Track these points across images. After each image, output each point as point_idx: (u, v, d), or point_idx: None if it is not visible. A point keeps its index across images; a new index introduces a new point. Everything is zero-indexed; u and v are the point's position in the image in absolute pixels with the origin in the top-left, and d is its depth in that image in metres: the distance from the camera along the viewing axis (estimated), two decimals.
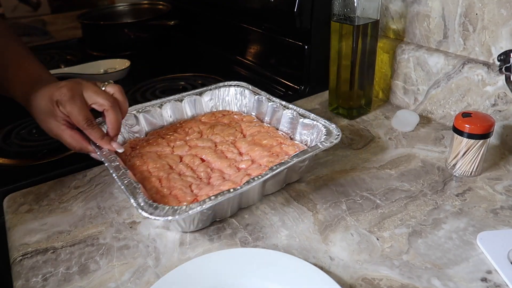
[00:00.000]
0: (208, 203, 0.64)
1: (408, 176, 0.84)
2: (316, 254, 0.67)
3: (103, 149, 0.80)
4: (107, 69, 1.48)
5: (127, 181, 0.70)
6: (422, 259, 0.65)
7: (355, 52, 0.99)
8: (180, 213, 0.62)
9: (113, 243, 0.73)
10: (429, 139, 0.96)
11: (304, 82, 1.22)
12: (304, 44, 1.18)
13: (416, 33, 1.06)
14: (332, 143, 0.77)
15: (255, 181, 0.68)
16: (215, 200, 0.64)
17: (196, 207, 0.63)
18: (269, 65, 1.37)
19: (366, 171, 0.86)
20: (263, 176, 0.69)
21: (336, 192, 0.81)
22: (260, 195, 0.78)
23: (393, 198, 0.78)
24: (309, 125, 0.86)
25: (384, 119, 1.07)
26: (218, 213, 0.73)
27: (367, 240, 0.69)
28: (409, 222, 0.73)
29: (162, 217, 0.62)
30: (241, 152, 0.86)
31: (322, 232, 0.72)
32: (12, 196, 0.86)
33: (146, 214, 0.62)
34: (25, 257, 0.71)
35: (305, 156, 0.74)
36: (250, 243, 0.70)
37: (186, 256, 0.69)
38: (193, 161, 0.84)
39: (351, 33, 0.98)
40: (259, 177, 0.69)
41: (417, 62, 1.04)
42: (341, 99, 1.08)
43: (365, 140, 0.98)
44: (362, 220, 0.74)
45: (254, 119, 0.97)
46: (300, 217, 0.75)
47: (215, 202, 0.64)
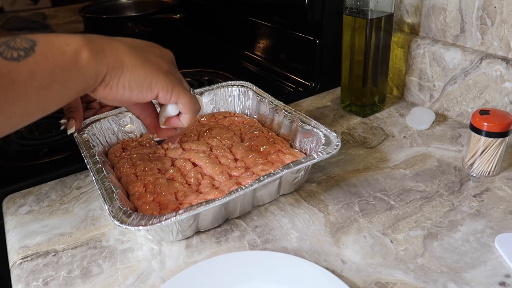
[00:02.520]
0: (183, 214, 0.63)
1: (423, 176, 0.85)
2: (327, 257, 0.68)
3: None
4: None
5: (106, 185, 0.70)
6: (438, 262, 0.66)
7: (369, 47, 0.99)
8: (153, 223, 0.62)
9: (117, 245, 0.73)
10: (445, 138, 0.97)
11: (315, 78, 1.22)
12: (315, 39, 1.18)
13: (432, 27, 1.06)
14: (329, 154, 0.75)
15: (238, 192, 0.67)
16: (191, 212, 0.63)
17: (171, 217, 0.62)
18: (278, 60, 1.37)
19: (380, 171, 0.87)
20: (247, 187, 0.68)
21: (349, 193, 0.81)
22: (250, 205, 0.77)
23: (407, 199, 0.79)
24: (309, 132, 0.84)
25: (398, 117, 1.07)
26: (202, 223, 0.72)
27: (380, 243, 0.70)
28: (425, 224, 0.73)
29: (133, 227, 0.61)
30: (236, 158, 0.85)
31: (334, 234, 0.72)
32: (12, 196, 0.86)
33: (117, 222, 0.62)
34: (25, 260, 0.71)
35: (297, 167, 0.73)
36: (259, 246, 0.71)
37: (192, 259, 0.69)
38: (184, 166, 0.83)
39: (364, 27, 0.98)
40: (243, 187, 0.68)
41: (433, 58, 1.04)
42: (354, 96, 1.08)
43: (379, 139, 0.98)
44: (375, 222, 0.74)
45: (255, 123, 0.96)
46: (311, 219, 0.76)
47: (189, 214, 0.63)
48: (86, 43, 0.57)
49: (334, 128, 1.03)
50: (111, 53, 0.60)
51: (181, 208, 0.67)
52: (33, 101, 0.52)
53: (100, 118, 0.90)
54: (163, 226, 0.63)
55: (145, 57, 0.63)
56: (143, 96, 0.63)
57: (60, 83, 0.54)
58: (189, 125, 0.71)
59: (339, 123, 1.06)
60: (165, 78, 0.64)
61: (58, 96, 0.55)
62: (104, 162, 0.79)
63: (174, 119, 0.70)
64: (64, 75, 0.54)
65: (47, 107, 0.55)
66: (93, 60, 0.56)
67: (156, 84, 0.63)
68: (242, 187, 0.68)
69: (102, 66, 0.58)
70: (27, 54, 0.51)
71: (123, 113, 0.93)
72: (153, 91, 0.63)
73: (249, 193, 0.71)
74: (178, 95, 0.66)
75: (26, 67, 0.50)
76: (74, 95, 0.58)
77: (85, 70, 0.56)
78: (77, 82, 0.56)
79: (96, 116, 0.91)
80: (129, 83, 0.61)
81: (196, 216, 0.69)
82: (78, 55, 0.55)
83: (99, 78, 0.58)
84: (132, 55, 0.62)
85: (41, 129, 1.11)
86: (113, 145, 0.91)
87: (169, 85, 0.64)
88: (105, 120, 0.91)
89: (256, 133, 0.91)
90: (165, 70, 0.65)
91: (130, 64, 0.61)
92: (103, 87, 0.60)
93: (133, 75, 0.61)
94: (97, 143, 0.87)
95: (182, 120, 0.70)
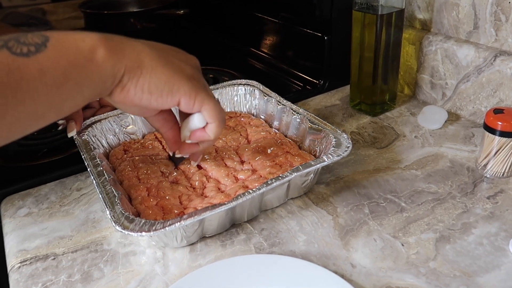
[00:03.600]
0: (188, 219, 0.63)
1: (435, 177, 0.85)
2: (336, 261, 0.68)
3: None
4: None
5: (107, 189, 0.70)
6: (450, 266, 0.66)
7: (379, 44, 1.00)
8: (156, 229, 0.61)
9: (118, 249, 0.73)
10: (458, 138, 0.97)
11: (323, 76, 1.23)
12: (323, 35, 1.18)
13: (444, 23, 1.06)
14: (340, 157, 0.75)
15: (245, 196, 0.67)
16: (196, 217, 0.63)
17: (175, 223, 0.62)
18: (286, 57, 1.37)
19: (390, 172, 0.87)
20: (255, 191, 0.68)
21: (358, 195, 0.81)
22: (258, 209, 0.77)
23: (419, 201, 0.79)
24: (319, 133, 0.84)
25: (409, 116, 1.07)
26: (207, 229, 0.72)
27: (391, 246, 0.70)
28: (437, 226, 0.73)
29: (135, 233, 0.61)
30: (243, 160, 0.85)
31: (343, 237, 0.72)
32: (10, 198, 0.86)
33: (119, 227, 0.61)
34: (24, 264, 0.71)
35: (306, 170, 0.73)
36: (266, 249, 0.71)
37: (196, 263, 0.70)
38: (189, 168, 0.82)
39: (374, 23, 0.98)
40: (250, 191, 0.68)
41: (445, 55, 1.04)
42: (364, 95, 1.08)
43: (389, 139, 0.98)
44: (386, 225, 0.74)
45: (262, 123, 0.96)
46: (319, 221, 0.76)
47: (195, 219, 0.63)
48: (103, 40, 0.55)
49: (343, 127, 1.03)
50: (130, 52, 0.58)
51: (185, 213, 0.67)
52: (44, 100, 0.51)
53: (100, 119, 0.90)
54: (167, 232, 0.64)
55: (167, 60, 0.61)
56: (163, 102, 0.61)
57: (74, 82, 0.52)
58: (215, 137, 0.68)
59: (348, 122, 1.06)
60: (188, 82, 0.62)
61: (72, 96, 0.54)
62: (105, 164, 0.79)
63: (200, 132, 0.68)
64: (78, 73, 0.52)
65: (60, 108, 0.54)
66: (110, 58, 0.55)
67: (178, 89, 0.61)
68: (249, 191, 0.67)
69: (120, 65, 0.56)
70: (38, 50, 0.49)
71: (124, 113, 0.93)
72: (174, 96, 0.61)
73: (257, 197, 0.71)
74: (202, 101, 0.63)
75: (36, 63, 0.49)
76: (90, 96, 0.56)
77: (101, 69, 0.54)
78: (93, 82, 0.54)
79: (97, 117, 0.91)
80: (149, 85, 0.59)
81: (201, 222, 0.69)
82: (94, 52, 0.54)
83: (117, 79, 0.57)
84: (154, 56, 0.60)
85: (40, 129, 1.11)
86: (114, 147, 0.91)
87: (192, 90, 0.62)
88: (106, 120, 0.90)
89: (263, 134, 0.90)
90: (188, 74, 0.63)
91: (150, 65, 0.59)
92: (120, 90, 0.58)
93: (153, 77, 0.59)
94: (98, 145, 0.87)
95: (208, 131, 0.67)
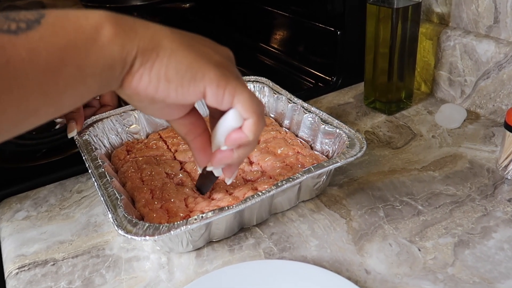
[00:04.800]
0: (194, 223, 0.62)
1: (454, 178, 0.85)
2: (350, 267, 0.68)
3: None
4: None
5: (109, 191, 0.70)
6: (469, 272, 0.66)
7: (394, 39, 0.99)
8: (161, 233, 0.61)
9: (121, 254, 0.74)
10: (478, 137, 0.96)
11: (336, 72, 1.23)
12: (336, 30, 1.18)
13: (463, 17, 1.06)
14: (353, 157, 0.75)
15: (254, 198, 0.66)
16: (203, 220, 0.63)
17: (181, 226, 0.62)
18: (297, 53, 1.37)
19: (407, 173, 0.87)
20: (264, 193, 0.67)
21: (373, 197, 0.81)
22: (267, 213, 0.77)
23: (436, 204, 0.79)
24: (331, 133, 0.84)
25: (426, 115, 1.07)
26: (214, 233, 0.72)
27: (407, 251, 0.70)
28: (455, 230, 0.73)
29: (139, 237, 0.60)
30: (252, 161, 0.85)
31: (356, 242, 0.72)
32: (7, 201, 0.87)
33: (122, 231, 0.61)
34: (22, 270, 0.72)
35: (318, 171, 0.72)
36: (276, 254, 0.71)
37: (203, 269, 0.70)
38: (195, 169, 0.82)
39: (389, 17, 0.98)
40: (260, 194, 0.67)
41: (464, 50, 1.04)
42: (378, 92, 1.08)
43: (405, 138, 0.98)
44: (401, 229, 0.74)
45: (272, 122, 0.96)
46: (332, 225, 0.76)
47: (201, 222, 0.63)
48: (111, 18, 0.48)
49: (357, 126, 1.03)
50: (144, 31, 0.50)
51: (191, 216, 0.67)
52: (36, 90, 0.43)
53: (102, 118, 0.90)
54: (172, 236, 0.64)
55: (190, 44, 0.53)
56: (185, 92, 0.52)
57: (74, 68, 0.45)
58: (255, 137, 0.58)
59: (362, 121, 1.06)
60: (216, 69, 0.53)
61: (73, 86, 0.46)
62: (107, 166, 0.79)
63: (236, 133, 0.57)
64: (78, 56, 0.45)
65: (57, 101, 0.46)
66: (118, 37, 0.47)
67: (203, 75, 0.52)
68: (258, 193, 0.67)
69: (130, 46, 0.48)
70: (29, 27, 0.42)
71: (127, 111, 0.93)
72: (198, 85, 0.52)
73: (267, 200, 0.71)
74: (234, 91, 0.54)
75: (26, 42, 0.42)
76: (95, 87, 0.49)
77: (107, 51, 0.47)
78: (97, 67, 0.47)
79: (98, 116, 0.91)
80: (166, 71, 0.50)
81: (208, 225, 0.69)
82: (98, 30, 0.46)
83: (127, 64, 0.49)
84: (174, 38, 0.52)
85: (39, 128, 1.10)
86: (116, 147, 0.91)
87: (221, 78, 0.53)
88: (107, 120, 0.91)
89: (273, 133, 0.90)
90: (216, 61, 0.54)
91: (169, 47, 0.51)
92: (131, 78, 0.50)
93: (172, 61, 0.51)
94: (100, 145, 0.87)
95: (245, 130, 0.57)
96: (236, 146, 0.59)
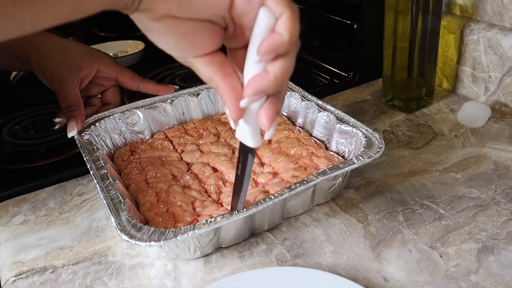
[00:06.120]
0: (203, 228, 0.62)
1: (477, 180, 0.84)
2: (367, 274, 0.68)
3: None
4: (117, 52, 1.50)
5: (112, 194, 0.69)
6: (494, 280, 0.65)
7: (414, 32, 0.99)
8: (167, 238, 0.61)
9: (125, 260, 0.74)
10: (503, 137, 0.96)
11: (353, 68, 1.23)
12: (353, 23, 1.18)
13: (488, 10, 1.05)
14: (371, 158, 0.74)
15: (266, 202, 0.66)
16: (212, 225, 0.62)
17: (188, 231, 0.61)
18: (311, 48, 1.37)
19: (427, 175, 0.87)
20: (276, 197, 0.67)
21: (391, 200, 0.81)
22: (280, 217, 0.77)
23: (459, 207, 0.78)
24: (348, 133, 0.83)
25: (448, 113, 1.07)
26: (223, 238, 0.72)
27: (428, 258, 0.70)
28: (479, 236, 0.73)
29: (144, 242, 0.60)
30: (263, 162, 0.84)
31: (374, 248, 0.72)
32: (4, 204, 0.87)
33: (125, 236, 0.61)
34: (19, 277, 0.72)
35: (334, 173, 0.72)
36: (289, 261, 0.71)
37: (211, 276, 0.70)
38: (203, 171, 0.82)
39: (409, 9, 0.98)
40: (272, 197, 0.67)
41: (488, 44, 1.04)
42: (398, 89, 1.08)
43: (426, 138, 0.98)
44: (422, 234, 0.74)
45: (284, 121, 0.95)
46: (348, 230, 0.76)
47: (210, 227, 0.62)
48: None
49: (375, 125, 1.03)
50: None
51: (199, 221, 0.67)
52: None
53: (104, 117, 0.90)
54: (179, 242, 0.63)
55: None
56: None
57: None
58: (291, 36, 0.49)
59: (380, 119, 1.06)
60: None
61: None
62: (110, 167, 0.79)
63: (270, 38, 0.49)
64: None
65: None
66: None
67: None
68: (270, 197, 0.67)
69: None
70: None
71: (131, 110, 0.93)
72: None
73: (279, 203, 0.71)
74: None
75: None
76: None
77: None
78: None
79: (100, 114, 0.91)
80: None
81: (217, 230, 0.68)
82: None
83: None
84: None
85: (37, 127, 1.11)
86: (119, 148, 0.91)
87: None
88: (110, 118, 0.91)
89: (285, 133, 0.90)
90: None
91: None
92: None
93: None
94: (102, 145, 0.87)
95: (279, 29, 0.49)
96: (271, 52, 0.50)
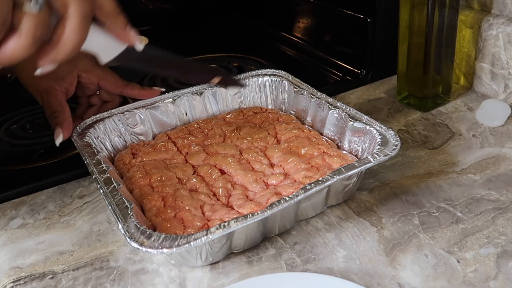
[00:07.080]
0: (216, 233, 0.61)
1: (496, 182, 0.84)
2: (381, 280, 0.68)
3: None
4: None
5: (117, 199, 0.69)
6: None
7: (431, 27, 0.99)
8: (180, 245, 0.60)
9: (127, 266, 0.73)
10: None
11: (366, 64, 1.23)
12: (366, 17, 1.18)
13: (507, 3, 1.05)
14: (387, 156, 0.74)
15: (280, 204, 0.65)
16: (226, 229, 0.62)
17: (201, 237, 0.60)
18: (322, 43, 1.37)
19: (444, 176, 0.86)
20: (291, 198, 0.66)
21: (407, 203, 0.81)
22: (292, 221, 0.76)
23: (477, 210, 0.78)
24: (361, 131, 0.83)
25: (466, 111, 1.06)
26: (235, 243, 0.71)
27: (445, 263, 0.69)
28: (498, 240, 0.72)
29: (155, 249, 0.59)
30: (273, 163, 0.84)
31: (389, 253, 0.72)
32: (1, 207, 0.87)
33: (135, 244, 0.60)
34: (17, 283, 0.72)
35: (350, 172, 0.71)
36: (299, 266, 0.71)
37: (218, 282, 0.69)
38: (210, 173, 0.82)
39: (425, 2, 0.97)
40: (286, 199, 0.66)
41: (508, 40, 1.03)
42: (413, 86, 1.08)
43: (443, 138, 0.98)
44: (438, 238, 0.74)
45: (293, 120, 0.95)
46: (362, 234, 0.76)
47: (224, 231, 0.61)
48: None
49: (389, 124, 1.02)
50: None
51: (210, 225, 0.67)
52: None
53: (103, 118, 0.90)
54: (191, 248, 0.62)
55: None
56: None
57: None
58: None
59: (395, 118, 1.05)
60: None
61: None
62: (112, 170, 0.78)
63: None
64: None
65: None
66: None
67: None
68: (285, 198, 0.66)
69: None
70: None
71: (131, 110, 0.92)
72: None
73: (293, 205, 0.70)
74: None
75: None
76: None
77: None
78: None
79: (99, 115, 0.90)
80: None
81: (229, 235, 0.68)
82: None
83: None
84: None
85: (36, 127, 1.11)
86: (120, 150, 0.90)
87: None
88: (109, 119, 0.90)
89: (295, 132, 0.90)
90: None
91: None
92: None
93: None
94: (101, 148, 0.86)
95: None
96: None
